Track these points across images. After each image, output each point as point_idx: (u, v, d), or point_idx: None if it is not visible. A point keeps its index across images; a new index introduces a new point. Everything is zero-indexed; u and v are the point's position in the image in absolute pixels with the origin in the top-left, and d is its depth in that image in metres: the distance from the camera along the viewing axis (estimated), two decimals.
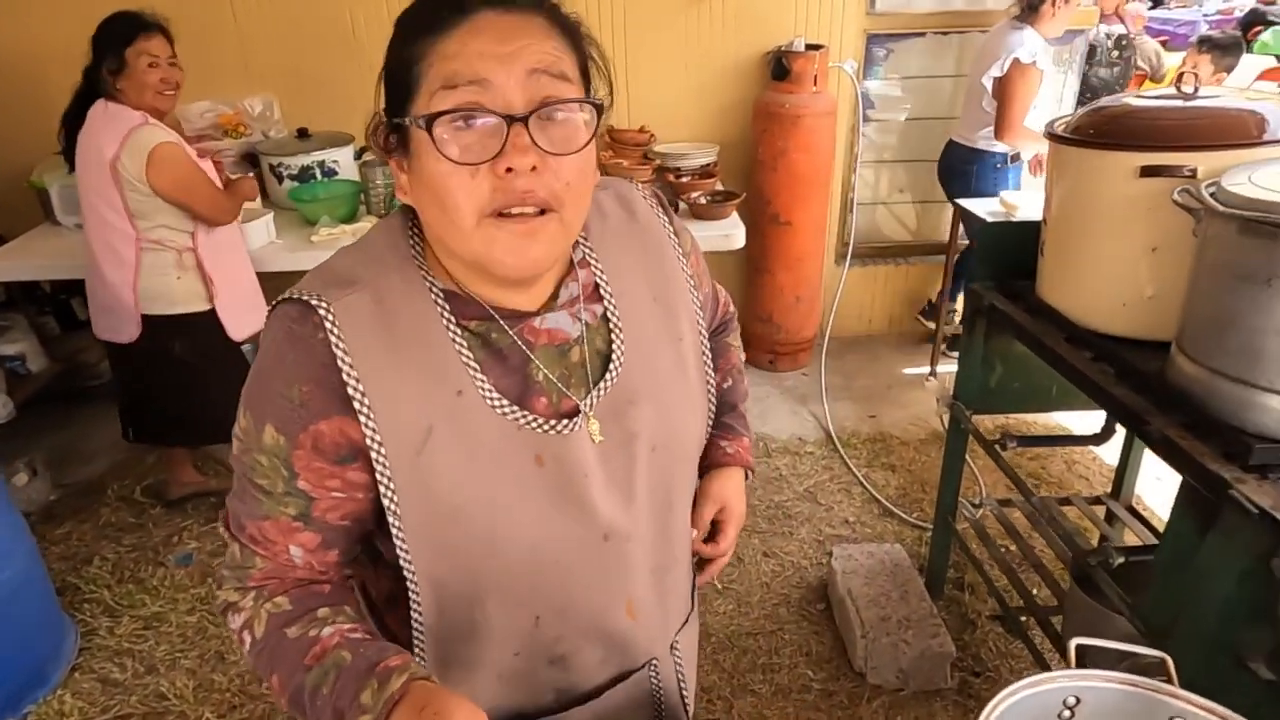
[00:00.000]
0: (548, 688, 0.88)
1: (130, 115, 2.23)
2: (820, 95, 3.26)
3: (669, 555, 0.90)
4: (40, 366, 3.29)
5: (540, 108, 0.65)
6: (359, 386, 0.69)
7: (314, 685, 0.70)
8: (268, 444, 0.72)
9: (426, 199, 0.69)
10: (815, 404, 3.41)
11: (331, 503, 0.74)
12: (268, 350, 0.72)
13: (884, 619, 2.10)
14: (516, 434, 0.74)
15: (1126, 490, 2.25)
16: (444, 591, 0.77)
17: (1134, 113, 1.57)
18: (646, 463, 0.82)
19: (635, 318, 0.82)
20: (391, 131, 0.71)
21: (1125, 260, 1.58)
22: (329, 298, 0.70)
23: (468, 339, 0.74)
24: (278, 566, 0.76)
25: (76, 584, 2.47)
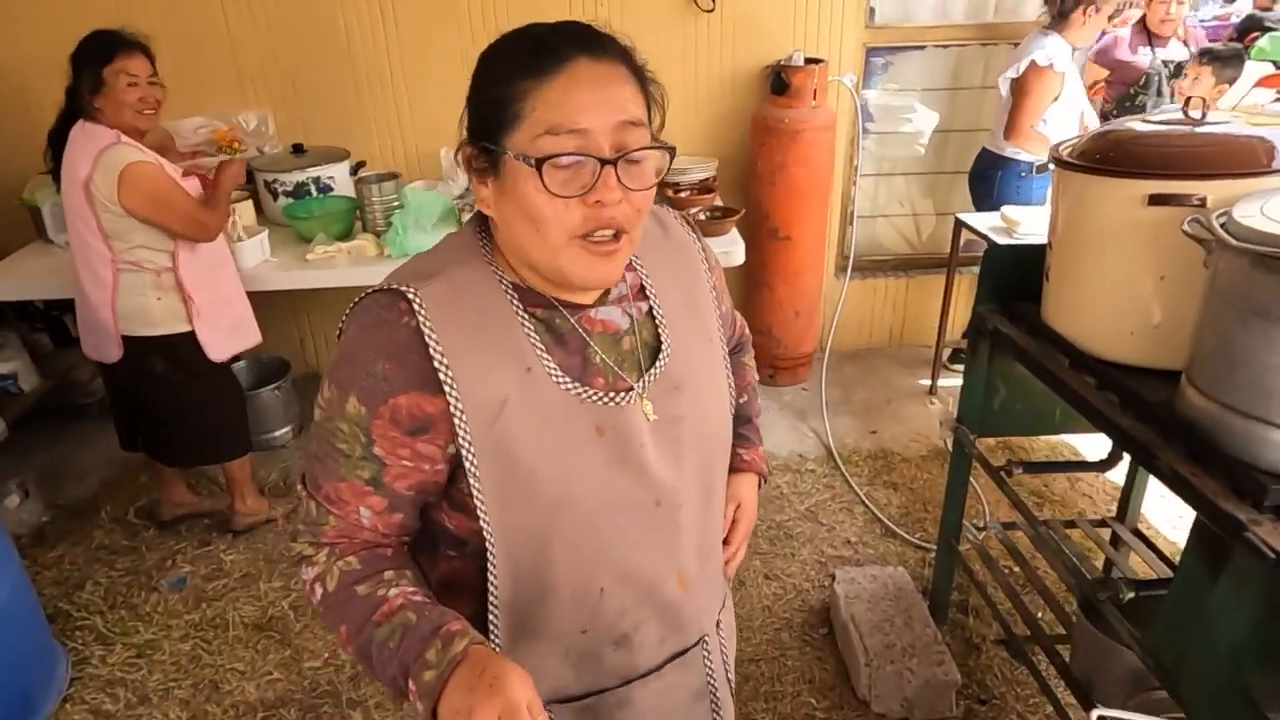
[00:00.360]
0: (612, 672, 0.95)
1: (103, 134, 2.19)
2: (819, 109, 3.24)
3: (710, 536, 1.01)
4: (32, 385, 3.25)
5: (630, 152, 0.78)
6: (444, 360, 0.79)
7: (382, 639, 0.79)
8: (350, 413, 0.82)
9: (517, 216, 0.80)
10: (815, 419, 3.39)
11: (400, 470, 0.83)
12: (355, 333, 0.83)
13: (888, 646, 2.08)
14: (579, 406, 0.85)
15: (1132, 513, 2.22)
16: (518, 553, 0.85)
17: (1140, 138, 1.55)
18: (691, 444, 0.92)
19: (674, 317, 0.94)
20: (482, 155, 0.81)
21: (1132, 288, 1.55)
22: (415, 285, 0.81)
23: (533, 323, 0.85)
24: (348, 526, 0.86)
25: (68, 610, 2.44)
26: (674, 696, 0.99)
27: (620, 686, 0.95)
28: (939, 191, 3.88)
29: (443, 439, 0.82)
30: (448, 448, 0.83)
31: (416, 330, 0.79)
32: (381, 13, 3.19)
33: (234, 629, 2.36)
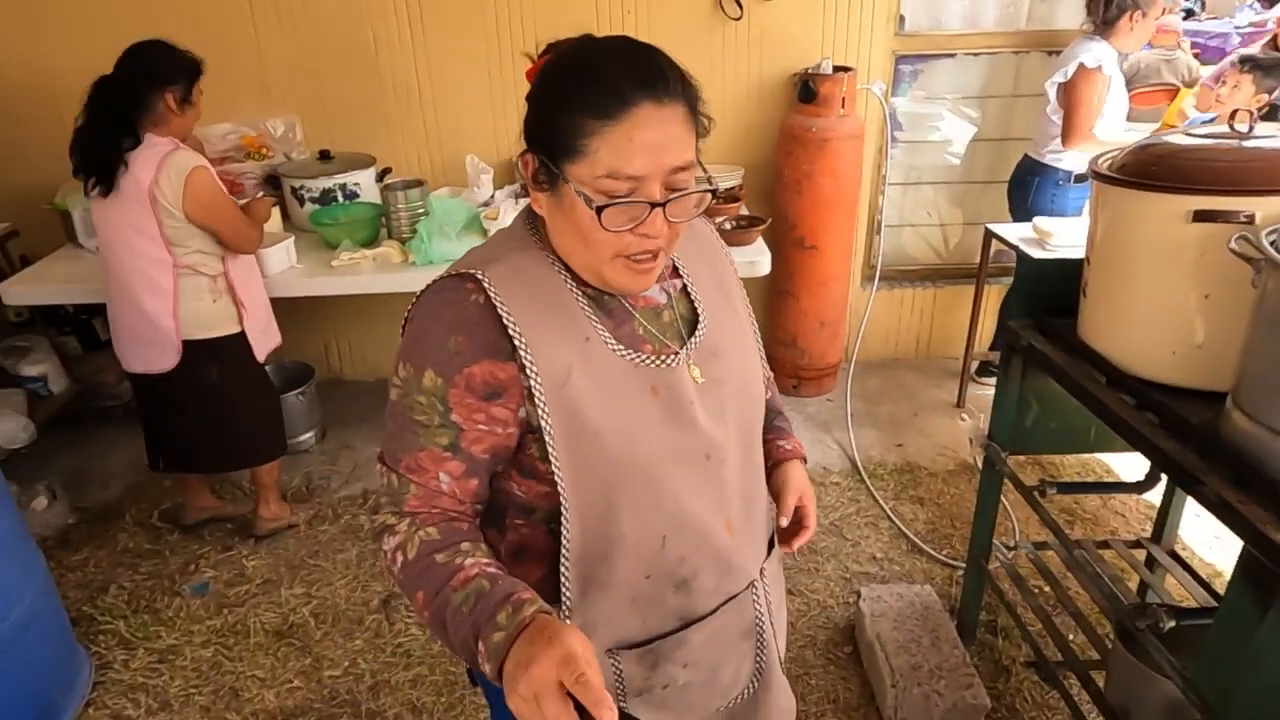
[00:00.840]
0: (672, 614, 1.02)
1: (159, 140, 2.22)
2: (848, 118, 3.20)
3: (752, 488, 1.08)
4: (61, 387, 3.30)
5: (678, 195, 0.87)
6: (518, 330, 0.88)
7: (457, 604, 0.83)
8: (427, 386, 0.89)
9: (569, 230, 0.90)
10: (840, 431, 3.34)
11: (476, 434, 0.90)
12: (426, 316, 0.91)
13: (915, 667, 2.03)
14: (634, 371, 0.94)
15: (1169, 534, 2.17)
16: (588, 509, 0.92)
17: (1184, 152, 1.50)
18: (734, 404, 1.02)
19: (706, 293, 1.05)
20: (543, 169, 0.88)
21: (1175, 306, 1.50)
22: (481, 268, 0.90)
23: (586, 299, 0.94)
24: (428, 493, 0.91)
25: (92, 614, 2.45)
26: (724, 635, 1.07)
27: (679, 630, 1.02)
28: (969, 201, 3.82)
29: (514, 403, 0.90)
30: (519, 411, 0.91)
31: (486, 305, 0.88)
32: (409, 23, 3.20)
33: (255, 635, 2.36)
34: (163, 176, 2.20)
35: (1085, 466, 3.08)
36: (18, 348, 3.24)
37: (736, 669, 1.10)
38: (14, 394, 3.08)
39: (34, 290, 2.83)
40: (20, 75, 3.19)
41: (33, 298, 2.91)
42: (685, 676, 1.05)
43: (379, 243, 2.92)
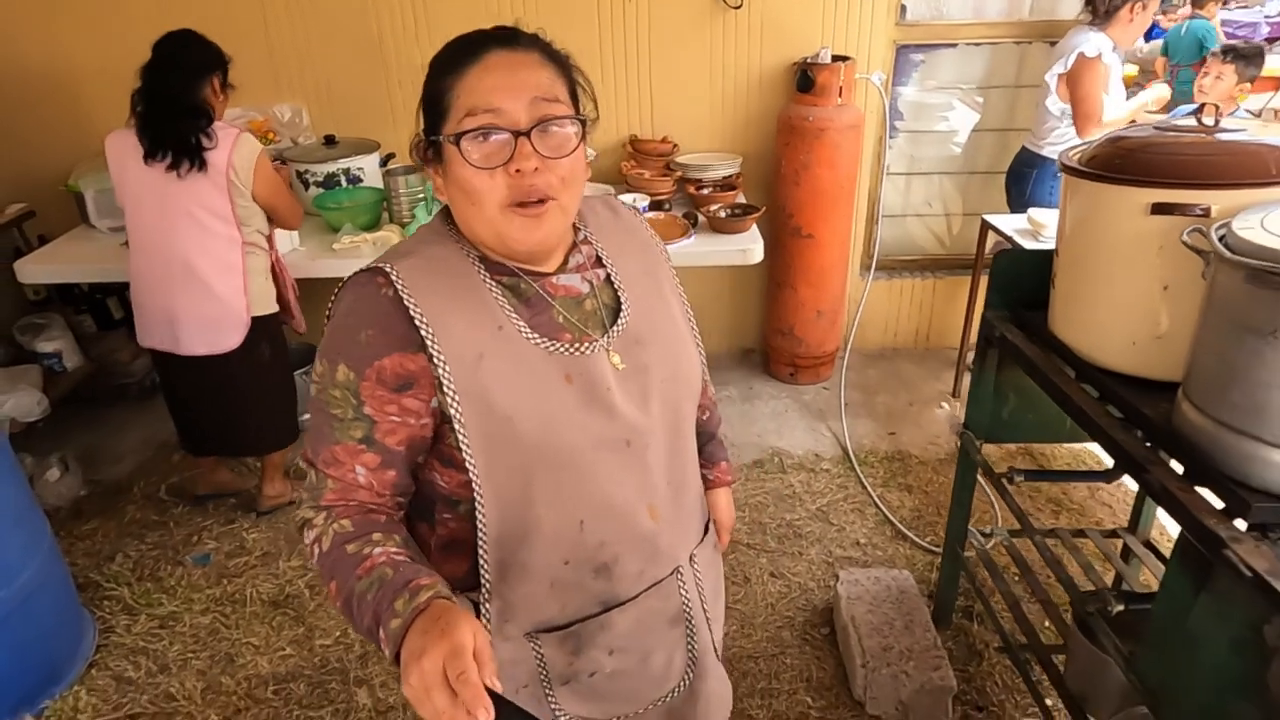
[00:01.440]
0: (593, 599, 1.02)
1: (222, 125, 2.32)
2: (845, 108, 3.22)
3: (681, 473, 1.09)
4: (75, 364, 3.39)
5: (539, 124, 0.88)
6: (424, 320, 0.89)
7: (361, 591, 0.85)
8: (340, 380, 0.91)
9: (458, 196, 0.92)
10: (834, 419, 3.38)
11: (389, 426, 0.91)
12: (342, 310, 0.93)
13: (886, 648, 2.07)
14: (548, 358, 0.94)
15: (1144, 524, 2.19)
16: (503, 493, 0.93)
17: (1151, 145, 1.52)
18: (660, 390, 1.02)
19: (631, 282, 1.05)
20: (429, 147, 0.94)
21: (1135, 298, 1.53)
22: (391, 262, 0.92)
23: (500, 289, 0.95)
24: (345, 487, 0.92)
25: (98, 580, 2.55)
26: (650, 621, 1.07)
27: (601, 613, 1.03)
28: (970, 191, 3.82)
29: (426, 393, 0.91)
30: (431, 401, 0.91)
31: (395, 299, 0.89)
32: (414, 12, 3.25)
33: (251, 605, 2.45)
34: (236, 157, 2.29)
35: (1076, 457, 3.09)
36: (34, 325, 3.34)
37: (669, 657, 1.11)
38: (30, 369, 3.19)
39: (48, 269, 2.93)
40: (39, 63, 3.28)
41: (48, 276, 3.00)
42: (613, 664, 1.06)
43: (380, 227, 2.98)
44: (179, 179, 2.28)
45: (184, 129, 2.26)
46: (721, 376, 3.75)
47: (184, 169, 2.26)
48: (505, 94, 0.87)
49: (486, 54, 0.89)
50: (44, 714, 2.10)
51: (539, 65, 0.91)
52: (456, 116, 0.88)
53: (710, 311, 3.85)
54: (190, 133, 2.25)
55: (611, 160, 3.44)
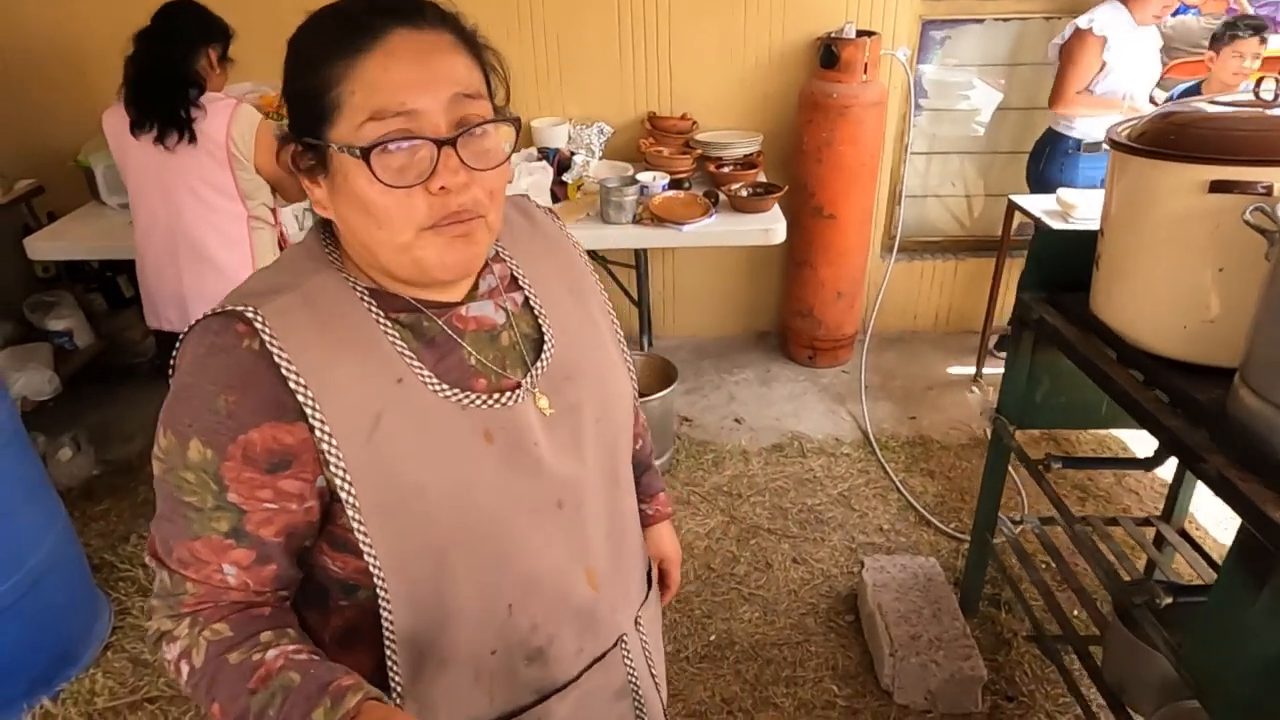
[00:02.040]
0: (527, 689, 0.87)
1: (219, 96, 2.23)
2: (870, 84, 3.14)
3: (619, 524, 0.94)
4: (86, 342, 3.36)
5: (464, 130, 0.71)
6: (301, 381, 0.70)
7: (259, 709, 0.68)
8: (194, 460, 0.71)
9: (355, 215, 0.73)
10: (854, 403, 3.33)
11: (264, 515, 0.73)
12: (187, 367, 0.73)
13: (914, 637, 2.04)
14: (462, 414, 0.77)
15: (1179, 512, 2.14)
16: (413, 579, 0.77)
17: (1205, 120, 1.45)
18: (592, 432, 0.87)
19: (555, 304, 0.88)
20: (306, 152, 0.73)
21: (1187, 280, 1.47)
22: (256, 304, 0.72)
23: (398, 330, 0.77)
24: (211, 590, 0.75)
25: (113, 562, 2.52)
26: (594, 701, 0.93)
27: (537, 703, 0.88)
28: (994, 171, 3.75)
29: (309, 471, 0.73)
30: (316, 480, 0.73)
31: (261, 353, 0.70)
32: None
33: None
34: (234, 129, 2.20)
35: (1100, 443, 3.04)
36: (45, 302, 3.31)
37: None
38: (40, 347, 3.15)
39: (58, 246, 2.89)
40: (49, 38, 3.22)
41: (57, 253, 2.96)
42: None
43: None
44: (175, 154, 2.21)
45: (172, 99, 2.17)
46: (738, 359, 3.70)
47: (171, 141, 2.18)
48: (419, 91, 0.68)
49: (385, 36, 0.69)
50: (60, 696, 2.08)
51: (452, 50, 0.72)
52: (353, 119, 0.69)
53: (727, 293, 3.79)
54: (178, 103, 2.16)
55: (630, 137, 3.38)
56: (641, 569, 1.02)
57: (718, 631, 2.26)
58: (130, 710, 2.05)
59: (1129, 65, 3.02)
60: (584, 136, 3.28)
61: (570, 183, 2.99)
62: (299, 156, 0.74)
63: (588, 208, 2.87)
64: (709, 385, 3.49)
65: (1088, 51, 2.99)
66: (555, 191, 2.97)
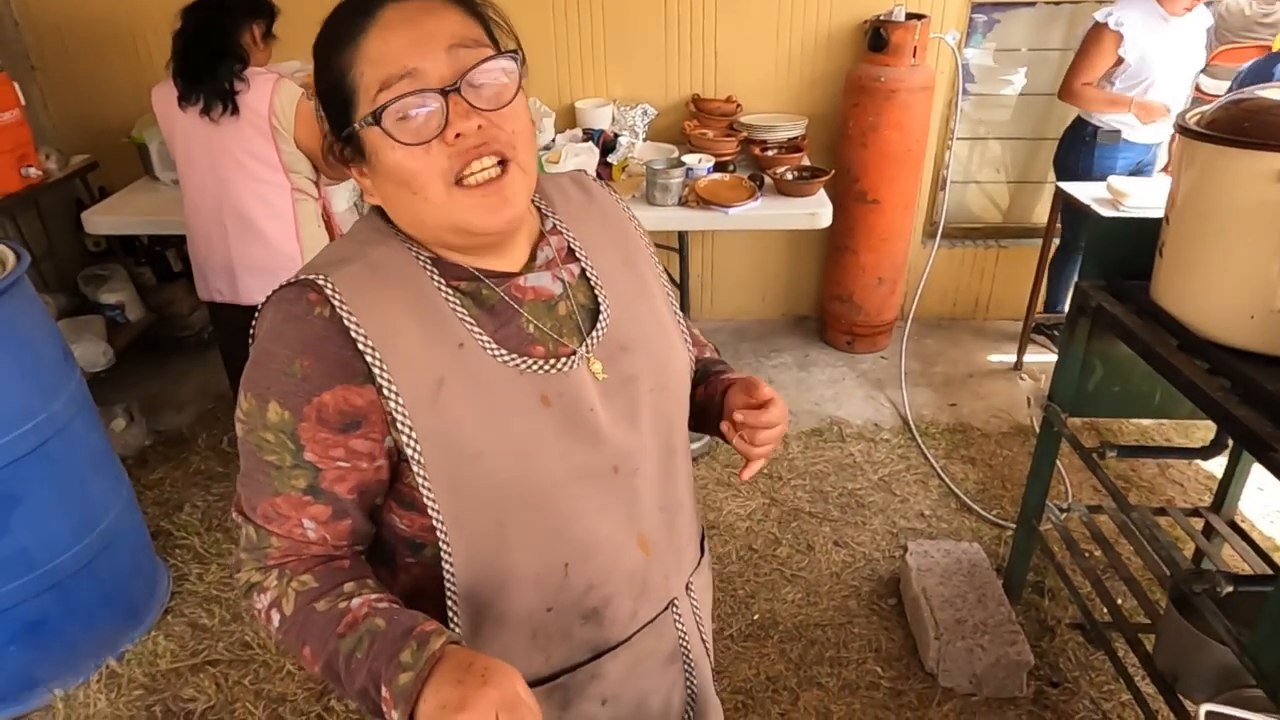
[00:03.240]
0: (582, 646, 0.89)
1: (262, 71, 2.27)
2: (918, 68, 3.11)
3: (674, 496, 0.95)
4: (137, 316, 3.43)
5: (466, 73, 0.72)
6: (370, 344, 0.74)
7: (349, 651, 0.72)
8: (273, 421, 0.75)
9: (393, 189, 0.77)
10: (893, 389, 3.33)
11: (337, 473, 0.77)
12: (265, 334, 0.77)
13: (959, 621, 2.05)
14: (520, 379, 0.79)
15: (1229, 504, 2.13)
16: (474, 540, 0.80)
17: (1277, 108, 1.44)
18: (649, 403, 0.87)
19: (611, 276, 0.89)
20: (345, 144, 0.78)
21: (1256, 269, 1.46)
22: (326, 273, 0.76)
23: (459, 297, 0.79)
24: (293, 544, 0.79)
25: (169, 529, 2.59)
26: (646, 664, 0.95)
27: (591, 661, 0.90)
28: (1039, 158, 3.71)
29: (378, 431, 0.76)
30: (384, 440, 0.77)
31: (333, 319, 0.74)
32: None
33: None
34: (277, 102, 2.24)
35: (1144, 435, 3.02)
36: (97, 276, 3.38)
37: (666, 699, 0.99)
38: (94, 320, 3.23)
39: (113, 220, 2.94)
40: (103, 12, 3.27)
41: (112, 227, 3.01)
42: (606, 713, 0.93)
43: None
44: (221, 127, 2.25)
45: (215, 71, 2.20)
46: (777, 343, 3.70)
47: (216, 112, 2.22)
48: (416, 51, 0.72)
49: (380, 12, 0.73)
50: (125, 657, 2.15)
51: (443, 7, 0.75)
52: (367, 95, 0.73)
53: (766, 277, 3.80)
54: (222, 76, 2.20)
55: (674, 119, 3.38)
56: (695, 537, 1.03)
57: (761, 611, 2.29)
58: (191, 672, 2.12)
59: (1156, 59, 2.97)
60: (628, 118, 3.29)
61: (615, 164, 3.01)
62: (341, 151, 0.78)
63: (633, 189, 2.88)
64: (747, 368, 3.50)
65: (1101, 45, 2.99)
66: (600, 173, 2.98)
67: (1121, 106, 3.01)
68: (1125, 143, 3.11)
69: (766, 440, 0.90)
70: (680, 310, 0.99)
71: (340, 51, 0.74)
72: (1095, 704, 1.99)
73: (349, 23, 0.74)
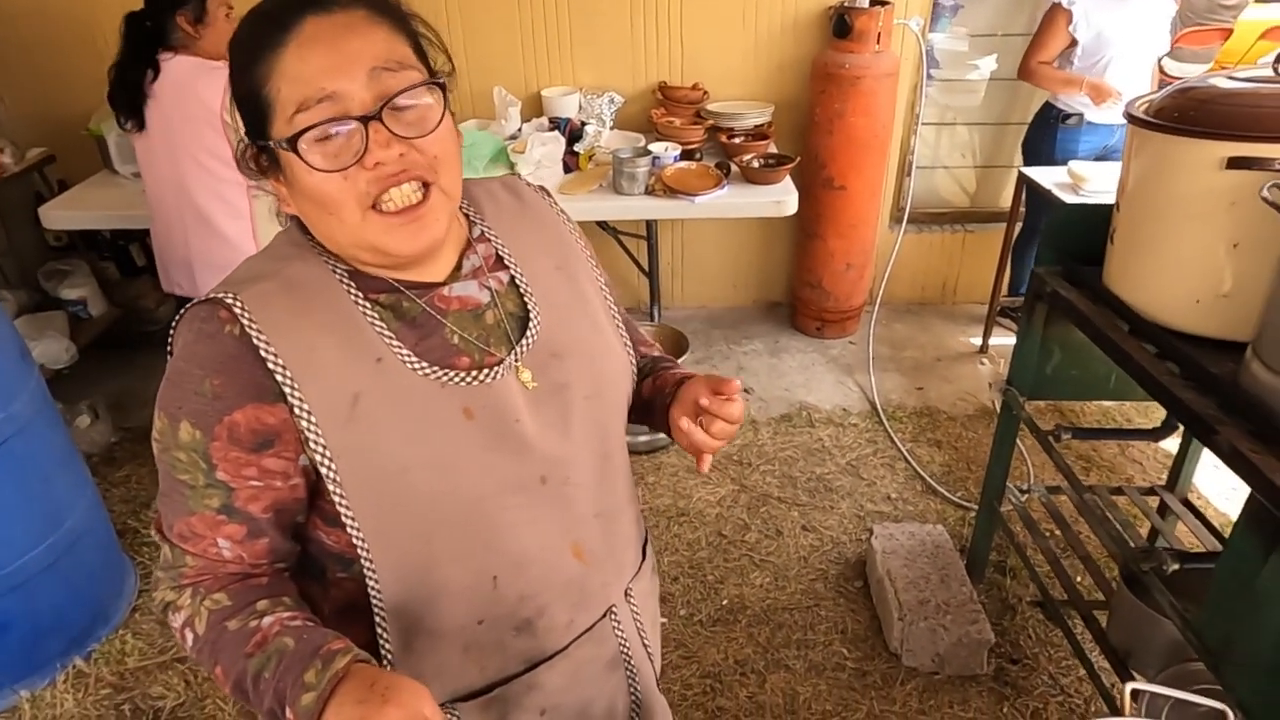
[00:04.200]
0: (516, 658, 0.89)
1: (213, 64, 2.22)
2: (883, 55, 3.13)
3: (611, 502, 0.94)
4: (101, 311, 3.39)
5: (387, 103, 0.71)
6: (280, 363, 0.74)
7: (256, 670, 0.72)
8: (185, 440, 0.75)
9: (310, 207, 0.76)
10: (861, 374, 3.36)
11: (251, 492, 0.77)
12: (178, 353, 0.77)
13: (923, 602, 2.09)
14: (441, 392, 0.78)
15: (1183, 483, 2.18)
16: (399, 557, 0.80)
17: (1224, 96, 1.47)
18: (581, 410, 0.87)
19: (542, 283, 0.89)
20: (259, 154, 0.77)
21: (1202, 255, 1.49)
22: (237, 291, 0.76)
23: (378, 310, 0.79)
24: (208, 563, 0.79)
25: (136, 527, 2.58)
26: (585, 671, 0.94)
27: (526, 672, 0.90)
28: (1005, 143, 3.75)
29: (291, 450, 0.76)
30: (298, 459, 0.77)
31: (243, 338, 0.74)
32: None
33: None
34: (228, 97, 2.19)
35: (1106, 416, 3.08)
36: (59, 271, 3.32)
37: (609, 705, 0.98)
38: (56, 316, 3.18)
39: (72, 215, 2.89)
40: (60, 4, 3.20)
41: (71, 222, 2.96)
42: None
43: None
44: (177, 125, 2.22)
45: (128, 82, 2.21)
46: (748, 330, 3.73)
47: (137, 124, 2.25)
48: (335, 74, 0.70)
49: (298, 26, 0.70)
50: (92, 656, 2.14)
51: (368, 24, 0.72)
52: (284, 113, 0.71)
53: (737, 264, 3.81)
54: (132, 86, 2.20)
55: (641, 107, 3.37)
56: (635, 541, 1.02)
57: (730, 596, 2.32)
58: (160, 670, 2.11)
59: (1113, 39, 3.02)
60: (595, 106, 3.28)
61: (582, 153, 3.00)
62: (256, 160, 0.77)
63: (600, 178, 2.88)
64: (719, 356, 3.53)
65: (1055, 24, 3.05)
66: (567, 162, 2.98)
67: (1074, 86, 3.05)
68: (1088, 125, 3.15)
69: (721, 434, 0.87)
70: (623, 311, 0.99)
71: (257, 61, 0.72)
72: (1054, 679, 2.05)
73: (268, 33, 0.71)
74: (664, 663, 2.08)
